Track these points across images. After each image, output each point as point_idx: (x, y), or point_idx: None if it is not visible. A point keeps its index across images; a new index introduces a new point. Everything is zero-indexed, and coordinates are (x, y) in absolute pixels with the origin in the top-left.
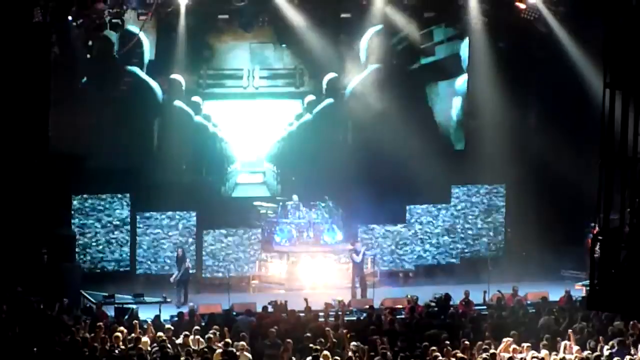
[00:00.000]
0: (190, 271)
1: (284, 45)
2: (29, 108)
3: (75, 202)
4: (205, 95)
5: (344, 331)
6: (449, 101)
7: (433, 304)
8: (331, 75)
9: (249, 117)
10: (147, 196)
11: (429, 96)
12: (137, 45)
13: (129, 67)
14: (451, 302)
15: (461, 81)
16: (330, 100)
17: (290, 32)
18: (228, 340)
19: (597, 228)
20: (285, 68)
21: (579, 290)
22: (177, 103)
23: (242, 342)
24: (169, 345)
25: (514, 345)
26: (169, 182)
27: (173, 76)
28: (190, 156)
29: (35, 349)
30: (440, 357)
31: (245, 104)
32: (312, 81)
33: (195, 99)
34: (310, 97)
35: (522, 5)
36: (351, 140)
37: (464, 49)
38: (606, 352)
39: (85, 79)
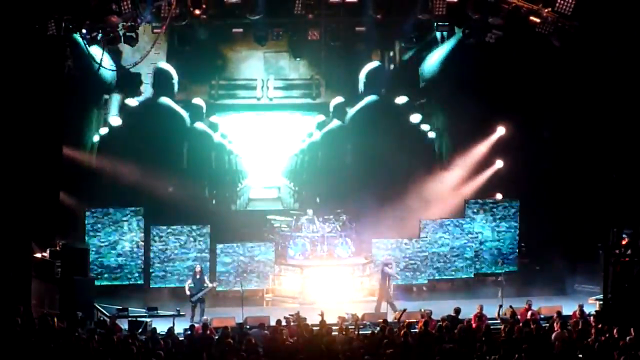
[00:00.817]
0: (214, 285)
1: (298, 59)
2: (43, 121)
3: (88, 216)
4: (217, 107)
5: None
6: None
7: (446, 319)
8: (374, 64)
9: (262, 129)
10: (160, 210)
11: None
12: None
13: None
14: (464, 317)
15: None
16: (373, 97)
17: (305, 46)
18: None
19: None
20: (301, 78)
21: (592, 305)
22: (164, 100)
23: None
24: None
25: None
26: (182, 196)
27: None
28: (194, 169)
29: None
30: None
31: (259, 116)
32: (329, 92)
33: (197, 101)
34: (338, 99)
35: (536, 20)
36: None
37: None
38: None
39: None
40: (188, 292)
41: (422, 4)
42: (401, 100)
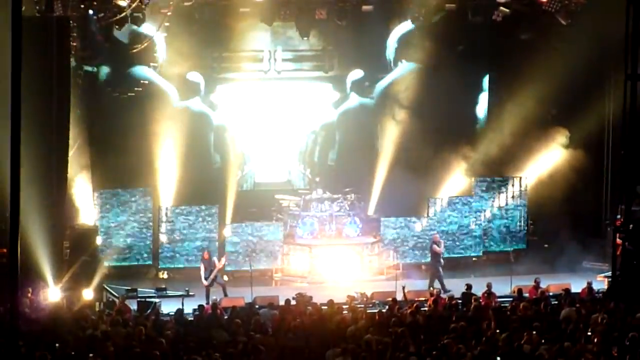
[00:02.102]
0: (221, 262)
1: (305, 38)
2: (48, 102)
3: (97, 196)
4: (220, 81)
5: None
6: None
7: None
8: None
9: (270, 105)
10: (169, 190)
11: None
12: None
13: (144, 74)
14: (474, 295)
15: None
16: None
17: (313, 25)
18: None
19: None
20: (312, 49)
21: (601, 282)
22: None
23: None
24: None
25: None
26: (190, 177)
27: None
28: (199, 153)
29: (57, 344)
30: (463, 350)
31: (266, 90)
32: (343, 63)
33: (193, 77)
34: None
35: None
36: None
37: None
38: (627, 343)
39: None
40: (204, 281)
41: None
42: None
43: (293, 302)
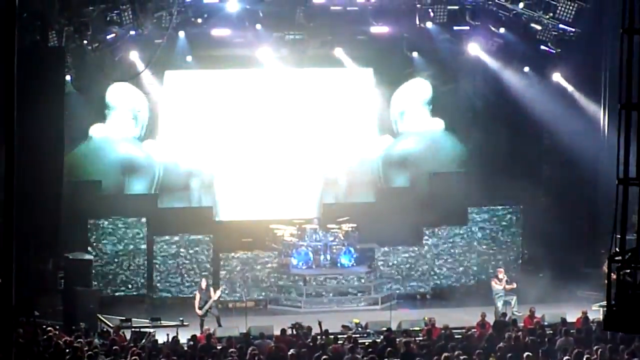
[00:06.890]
0: (218, 294)
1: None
2: (43, 131)
3: (92, 226)
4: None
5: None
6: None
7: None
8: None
9: (259, 111)
10: (163, 220)
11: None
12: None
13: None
14: (467, 324)
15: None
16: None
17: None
18: None
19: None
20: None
21: (596, 312)
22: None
23: None
24: None
25: None
26: (184, 207)
27: None
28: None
29: None
30: None
31: (259, 91)
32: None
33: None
34: None
35: (537, 27)
36: None
37: None
38: None
39: None
40: (198, 311)
41: (422, 12)
42: None
43: (289, 332)
